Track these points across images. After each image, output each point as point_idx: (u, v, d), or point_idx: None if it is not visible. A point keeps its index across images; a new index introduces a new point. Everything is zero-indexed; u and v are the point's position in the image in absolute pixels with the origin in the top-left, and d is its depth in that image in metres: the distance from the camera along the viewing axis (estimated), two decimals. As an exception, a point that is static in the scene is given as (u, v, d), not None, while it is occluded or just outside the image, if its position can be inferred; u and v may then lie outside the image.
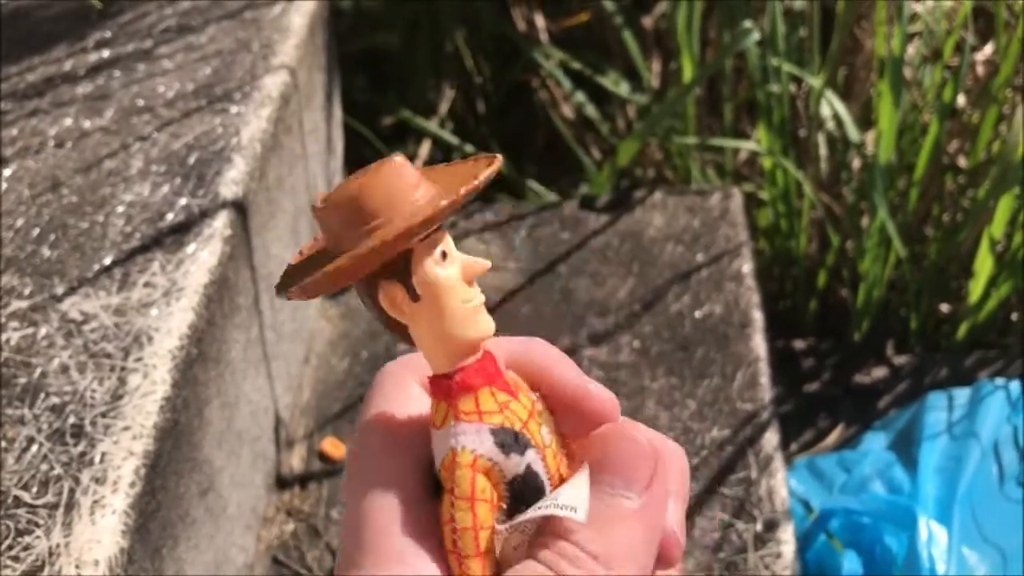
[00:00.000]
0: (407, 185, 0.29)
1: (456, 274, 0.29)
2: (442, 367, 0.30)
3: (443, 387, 0.30)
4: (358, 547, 0.29)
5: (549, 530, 0.30)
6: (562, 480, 0.31)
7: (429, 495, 0.30)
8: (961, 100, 1.25)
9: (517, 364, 0.32)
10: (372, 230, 0.28)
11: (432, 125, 1.46)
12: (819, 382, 1.22)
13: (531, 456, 0.30)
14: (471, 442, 0.29)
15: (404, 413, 0.32)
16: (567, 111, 1.49)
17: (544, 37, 1.48)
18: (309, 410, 0.97)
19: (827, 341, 1.27)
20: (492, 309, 1.07)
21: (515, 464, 0.30)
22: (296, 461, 0.94)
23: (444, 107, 1.54)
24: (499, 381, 0.30)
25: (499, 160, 0.30)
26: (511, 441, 0.30)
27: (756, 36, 1.12)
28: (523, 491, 0.30)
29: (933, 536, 0.84)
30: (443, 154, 1.55)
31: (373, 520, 0.29)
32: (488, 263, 0.30)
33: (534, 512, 0.30)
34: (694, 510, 0.87)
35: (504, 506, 0.30)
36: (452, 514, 0.29)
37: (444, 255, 0.29)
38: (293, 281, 0.29)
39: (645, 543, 0.30)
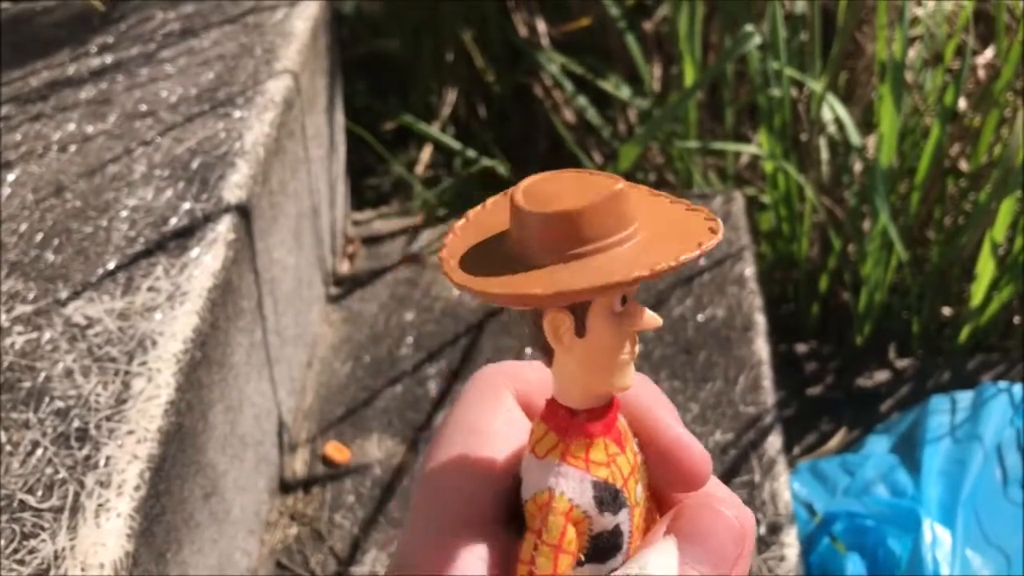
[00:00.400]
0: (626, 220, 0.27)
1: (628, 326, 0.28)
2: (572, 402, 0.29)
3: (563, 421, 0.29)
4: (418, 558, 0.28)
5: None
6: (642, 535, 0.30)
7: (499, 518, 0.29)
8: (963, 104, 1.25)
9: (621, 400, 0.31)
10: (573, 259, 0.27)
11: (434, 130, 1.46)
12: (822, 386, 1.22)
13: (623, 516, 0.29)
14: (571, 490, 0.28)
15: (494, 429, 0.31)
16: (569, 115, 1.49)
17: (546, 42, 1.48)
18: (312, 414, 0.97)
19: (829, 345, 1.27)
20: (494, 313, 1.07)
21: (607, 522, 0.29)
22: (299, 465, 0.94)
23: (446, 111, 1.54)
24: (614, 432, 0.29)
25: (720, 229, 0.28)
26: (610, 499, 0.29)
27: (757, 40, 1.13)
28: (603, 547, 0.29)
29: (937, 538, 0.84)
30: (444, 158, 1.55)
31: (440, 535, 0.29)
32: (660, 321, 0.29)
33: (623, 572, 0.29)
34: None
35: (582, 557, 0.29)
36: (533, 556, 0.28)
37: (624, 299, 0.28)
38: (464, 265, 0.28)
39: None
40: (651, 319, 0.28)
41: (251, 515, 0.85)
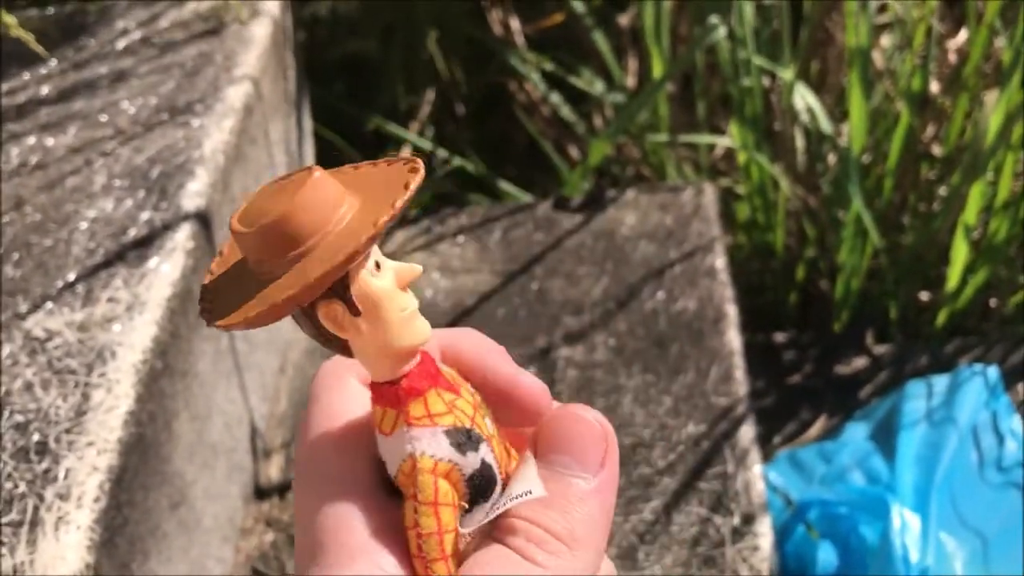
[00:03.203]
0: (332, 203, 0.28)
1: (391, 283, 0.29)
2: (385, 375, 0.30)
3: (389, 394, 0.30)
4: (320, 546, 0.29)
5: (511, 515, 0.30)
6: (509, 465, 0.32)
7: (386, 495, 0.30)
8: (936, 88, 1.25)
9: (449, 356, 0.32)
10: (306, 253, 0.27)
11: (411, 134, 1.46)
12: (801, 374, 1.22)
13: (484, 450, 0.30)
14: (429, 447, 0.29)
15: (351, 412, 0.32)
16: (545, 112, 1.49)
17: (520, 40, 1.48)
18: (286, 420, 0.97)
19: (808, 333, 1.27)
20: (468, 311, 1.07)
21: (472, 461, 0.30)
22: (274, 471, 0.94)
23: (424, 112, 1.54)
24: (442, 381, 0.30)
25: (421, 166, 0.29)
26: (465, 439, 0.30)
27: (723, 30, 1.13)
28: (481, 484, 0.30)
29: (906, 524, 0.84)
30: (424, 159, 1.55)
31: (334, 519, 0.29)
32: (420, 268, 0.30)
33: (494, 512, 0.30)
34: (671, 505, 0.87)
35: (465, 504, 0.30)
36: (416, 519, 0.29)
37: (377, 265, 0.29)
38: (220, 307, 0.29)
39: (603, 521, 0.30)
40: (408, 269, 0.29)
41: (225, 522, 0.85)
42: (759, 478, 0.88)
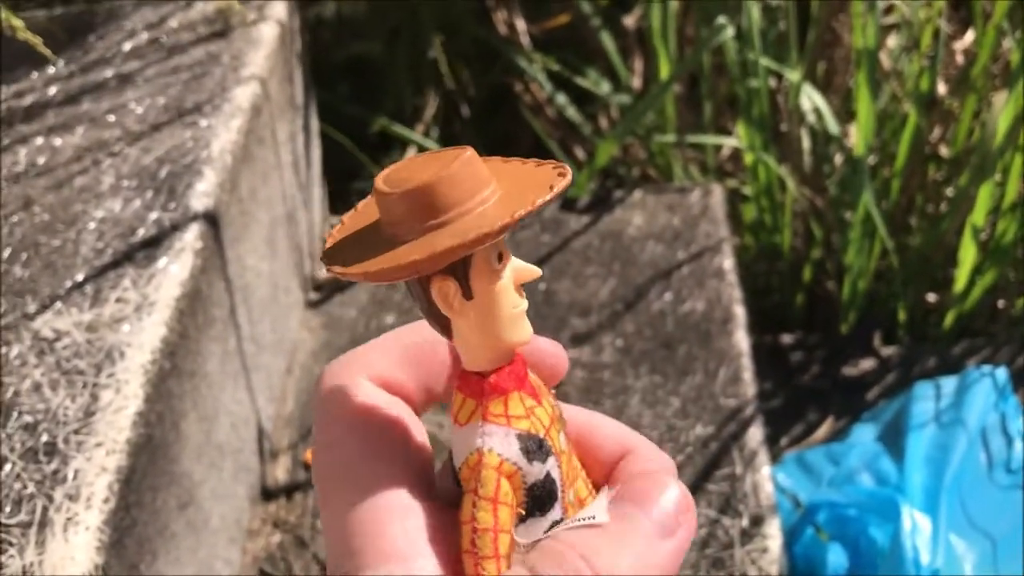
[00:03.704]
0: (478, 184, 0.28)
1: (509, 278, 0.29)
2: (479, 366, 0.30)
3: (475, 385, 0.30)
4: (354, 552, 0.28)
5: (561, 534, 0.29)
6: (575, 484, 0.31)
7: (421, 498, 0.30)
8: (943, 90, 1.25)
9: None
10: (441, 225, 0.28)
11: (416, 134, 1.46)
12: (808, 376, 1.22)
13: (551, 463, 0.30)
14: (498, 445, 0.29)
15: (372, 413, 0.31)
16: (551, 113, 1.49)
17: (525, 40, 1.48)
18: (293, 421, 0.97)
19: (815, 335, 1.27)
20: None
21: (537, 471, 0.30)
22: (281, 472, 0.94)
23: (429, 113, 1.54)
24: (527, 386, 0.30)
25: (569, 172, 0.29)
26: (536, 448, 0.30)
27: (731, 31, 1.12)
28: (540, 496, 0.30)
29: (917, 526, 0.84)
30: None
31: (369, 524, 0.29)
32: (539, 271, 0.30)
33: (558, 528, 0.30)
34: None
35: (523, 512, 0.30)
36: (474, 513, 0.29)
37: (500, 257, 0.29)
38: (342, 257, 0.29)
39: (656, 569, 0.29)
40: (528, 269, 0.30)
41: (232, 523, 0.85)
42: (767, 480, 0.88)
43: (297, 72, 1.07)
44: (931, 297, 1.27)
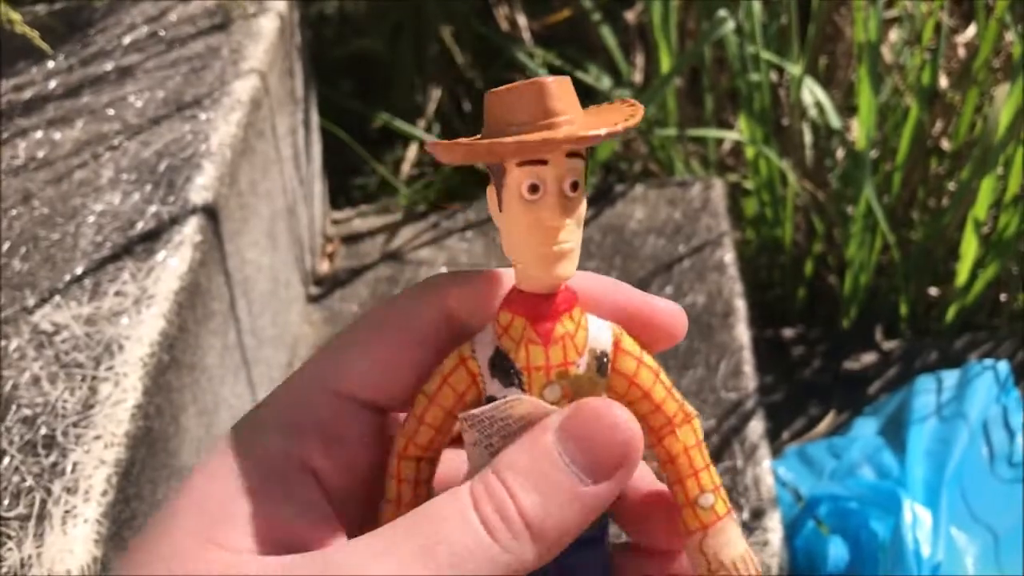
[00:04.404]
0: (575, 101, 0.29)
1: (536, 217, 0.28)
2: (517, 280, 0.30)
3: (508, 292, 0.30)
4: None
5: (498, 468, 0.28)
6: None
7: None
8: (945, 83, 1.25)
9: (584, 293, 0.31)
10: (523, 129, 0.28)
11: (418, 130, 1.46)
12: (809, 370, 1.21)
13: (513, 393, 0.29)
14: (479, 341, 0.30)
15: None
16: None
17: (527, 36, 1.48)
18: (293, 415, 0.97)
19: (816, 328, 1.27)
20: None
21: (495, 389, 0.30)
22: (281, 466, 0.94)
23: (431, 108, 1.54)
24: (543, 325, 0.29)
25: (641, 108, 0.29)
26: (501, 367, 0.29)
27: (731, 24, 1.12)
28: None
29: (918, 519, 0.84)
30: (431, 156, 1.54)
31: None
32: (562, 222, 0.29)
33: (493, 406, 0.29)
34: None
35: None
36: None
37: (534, 188, 0.28)
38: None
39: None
40: (552, 218, 0.28)
41: (232, 517, 0.85)
42: (768, 473, 0.88)
43: (297, 66, 1.07)
44: (933, 291, 1.27)
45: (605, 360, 0.30)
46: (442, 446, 0.31)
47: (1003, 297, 1.25)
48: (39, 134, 0.88)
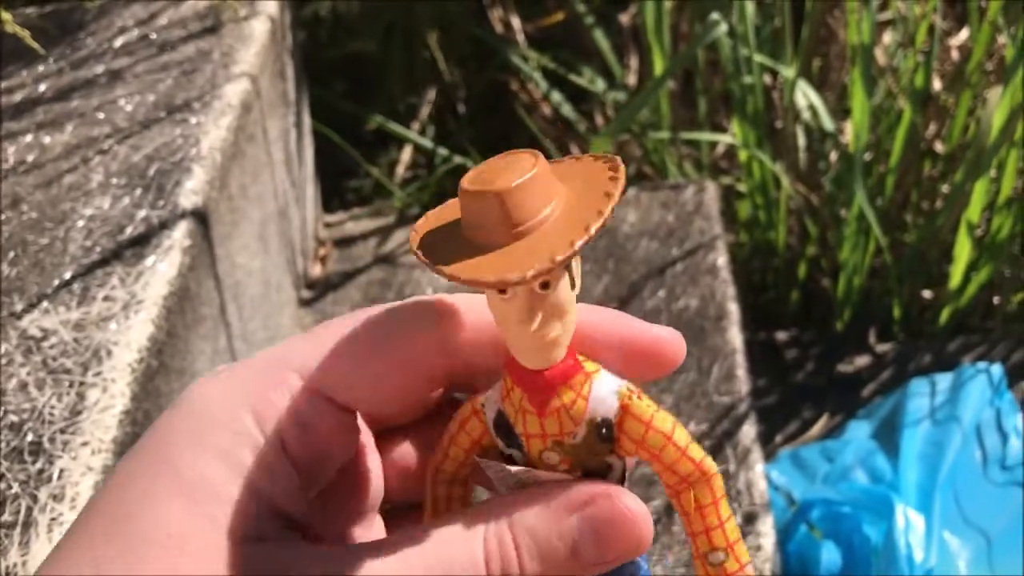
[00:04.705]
0: (551, 192, 0.28)
1: (507, 314, 0.28)
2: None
3: (509, 360, 0.30)
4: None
5: (511, 500, 0.30)
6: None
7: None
8: (938, 86, 1.24)
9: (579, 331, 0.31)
10: (524, 233, 0.28)
11: (412, 132, 1.45)
12: (803, 373, 1.21)
13: (516, 455, 0.31)
14: (487, 399, 0.31)
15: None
16: (547, 110, 1.48)
17: (521, 38, 1.48)
18: (285, 419, 0.97)
19: (810, 331, 1.26)
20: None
21: (500, 445, 0.31)
22: (273, 471, 0.94)
23: (424, 111, 1.53)
24: (537, 398, 0.30)
25: (622, 172, 0.28)
26: (504, 430, 0.31)
27: (724, 27, 1.12)
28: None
29: (910, 523, 0.83)
30: (425, 157, 1.54)
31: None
32: (530, 330, 0.29)
33: (501, 468, 0.31)
34: (673, 505, 0.87)
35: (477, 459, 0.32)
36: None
37: (502, 290, 0.28)
38: (432, 252, 0.29)
39: None
40: (522, 318, 0.28)
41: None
42: (761, 477, 0.88)
43: (289, 69, 1.07)
44: (926, 293, 1.27)
45: (606, 429, 0.30)
46: (467, 474, 0.33)
47: (996, 300, 1.25)
48: (29, 137, 0.87)
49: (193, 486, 0.29)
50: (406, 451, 0.35)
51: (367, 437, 0.34)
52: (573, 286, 0.29)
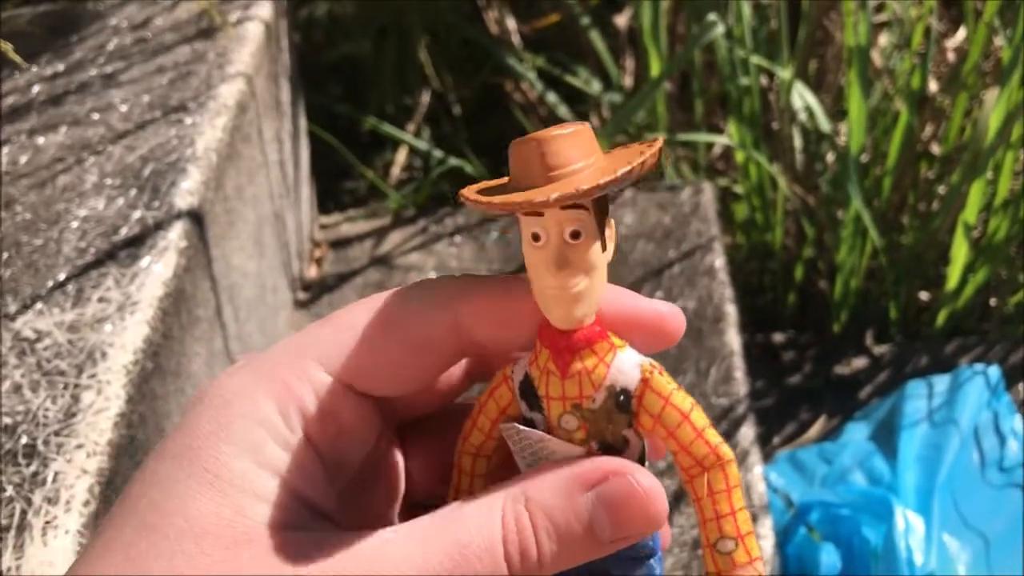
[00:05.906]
0: (594, 147, 0.30)
1: (539, 260, 0.30)
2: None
3: (541, 323, 0.31)
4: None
5: (532, 501, 0.30)
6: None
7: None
8: (935, 87, 1.24)
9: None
10: (556, 178, 0.29)
11: (407, 134, 1.45)
12: (800, 375, 1.21)
13: (536, 419, 0.32)
14: (516, 364, 0.32)
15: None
16: (543, 112, 1.48)
17: (517, 40, 1.47)
18: (280, 422, 0.96)
19: (807, 333, 1.26)
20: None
21: (523, 409, 0.32)
22: (268, 474, 0.93)
23: (420, 112, 1.53)
24: (562, 358, 0.31)
25: (660, 143, 0.30)
26: (528, 393, 0.32)
27: (721, 28, 1.12)
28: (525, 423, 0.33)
29: (910, 526, 0.83)
30: (421, 160, 1.54)
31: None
32: (556, 276, 0.30)
33: (523, 436, 0.32)
34: (671, 507, 0.86)
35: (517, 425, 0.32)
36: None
37: (536, 236, 0.30)
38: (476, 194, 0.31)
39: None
40: (552, 264, 0.30)
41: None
42: (760, 479, 0.87)
43: (284, 70, 1.07)
44: (923, 295, 1.26)
45: (624, 398, 0.31)
46: (493, 448, 0.34)
47: (993, 301, 1.24)
48: (23, 139, 0.87)
49: (220, 478, 0.29)
50: (429, 453, 0.36)
51: (389, 433, 0.35)
52: (604, 249, 0.30)
